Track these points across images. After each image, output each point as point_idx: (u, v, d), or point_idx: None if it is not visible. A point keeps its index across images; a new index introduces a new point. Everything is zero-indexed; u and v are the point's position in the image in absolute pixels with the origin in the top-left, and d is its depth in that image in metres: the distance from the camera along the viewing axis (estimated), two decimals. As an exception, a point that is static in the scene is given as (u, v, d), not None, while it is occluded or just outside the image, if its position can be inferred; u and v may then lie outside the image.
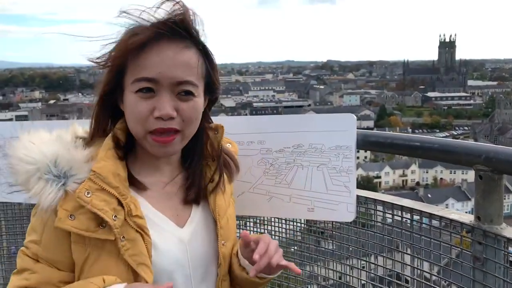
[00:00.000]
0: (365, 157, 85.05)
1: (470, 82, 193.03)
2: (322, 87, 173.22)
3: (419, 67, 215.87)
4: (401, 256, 1.83)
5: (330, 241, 2.09)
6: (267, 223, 2.26)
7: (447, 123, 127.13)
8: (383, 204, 1.86)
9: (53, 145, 1.18)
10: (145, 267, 1.16)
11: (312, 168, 1.77)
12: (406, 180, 77.82)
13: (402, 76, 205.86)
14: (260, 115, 2.05)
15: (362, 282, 1.99)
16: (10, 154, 1.17)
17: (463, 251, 1.65)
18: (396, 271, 1.86)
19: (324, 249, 2.12)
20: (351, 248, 1.99)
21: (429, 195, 56.77)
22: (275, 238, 2.25)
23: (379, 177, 75.59)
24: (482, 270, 1.57)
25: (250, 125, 1.85)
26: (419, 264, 1.76)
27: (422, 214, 1.72)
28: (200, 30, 1.22)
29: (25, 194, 1.16)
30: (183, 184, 1.33)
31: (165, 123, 1.17)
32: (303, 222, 2.19)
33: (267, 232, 2.26)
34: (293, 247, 2.25)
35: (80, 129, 1.28)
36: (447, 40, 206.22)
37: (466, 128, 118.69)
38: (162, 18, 1.16)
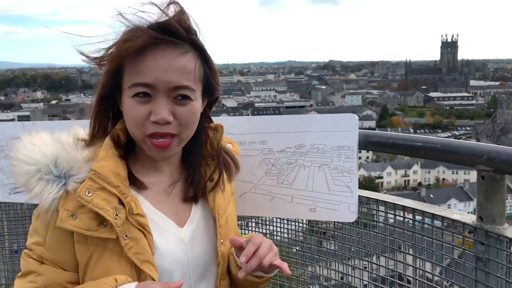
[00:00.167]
0: (367, 157, 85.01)
1: (472, 82, 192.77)
2: (324, 87, 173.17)
3: (421, 67, 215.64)
4: (403, 257, 1.83)
5: (332, 241, 2.09)
6: (269, 223, 2.26)
7: (449, 123, 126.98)
8: (385, 204, 1.85)
9: (53, 146, 1.18)
10: (149, 264, 1.17)
11: (314, 168, 1.77)
12: (408, 180, 77.75)
13: (404, 76, 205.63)
14: (262, 115, 2.05)
15: (364, 282, 1.99)
16: (11, 155, 1.18)
17: (465, 251, 1.64)
18: (398, 272, 1.86)
19: (326, 249, 2.11)
20: (353, 249, 1.98)
21: (431, 195, 56.73)
22: (277, 238, 2.25)
23: (381, 177, 75.54)
24: (484, 270, 1.56)
25: (252, 125, 1.85)
26: (421, 264, 1.76)
27: (424, 214, 1.72)
28: (197, 33, 1.22)
29: (26, 195, 1.17)
30: (183, 184, 1.33)
31: (162, 127, 1.17)
32: (305, 222, 2.19)
33: (269, 232, 2.26)
34: (295, 248, 2.25)
35: (81, 131, 1.28)
36: (449, 40, 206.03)
37: (468, 128, 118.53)
38: (159, 21, 1.16)
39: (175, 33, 1.17)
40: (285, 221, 2.20)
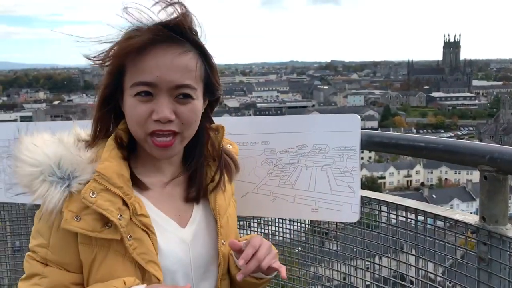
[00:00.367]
0: (369, 157, 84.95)
1: (475, 82, 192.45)
2: (326, 87, 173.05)
3: (424, 67, 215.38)
4: (405, 257, 1.83)
5: (334, 241, 2.09)
6: (271, 223, 2.26)
7: (452, 123, 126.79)
8: (388, 204, 1.85)
9: (56, 147, 1.18)
10: (154, 264, 1.18)
11: (316, 168, 1.77)
12: (411, 180, 77.67)
13: (407, 76, 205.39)
14: (264, 116, 2.05)
15: (366, 283, 1.99)
16: (13, 156, 1.18)
17: (468, 251, 1.64)
18: (400, 272, 1.86)
19: (328, 249, 2.11)
20: (355, 249, 1.98)
21: (433, 196, 56.67)
22: (279, 238, 2.25)
23: (384, 177, 75.49)
24: (487, 271, 1.56)
25: (254, 125, 1.85)
26: (423, 265, 1.76)
27: (426, 214, 1.71)
28: (199, 32, 1.22)
29: (29, 196, 1.16)
30: (184, 184, 1.34)
31: (163, 125, 1.18)
32: (307, 223, 2.19)
33: (271, 233, 2.26)
34: (297, 248, 2.25)
35: (82, 132, 1.28)
36: (451, 40, 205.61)
37: (471, 128, 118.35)
38: (161, 20, 1.16)
39: (177, 32, 1.17)
40: (287, 221, 2.20)
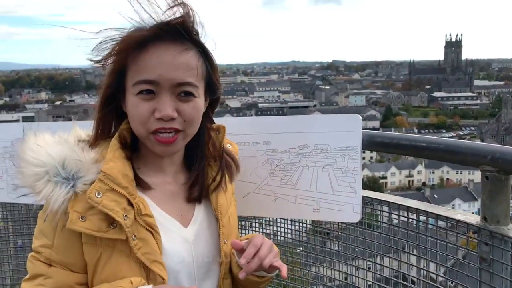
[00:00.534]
0: (370, 157, 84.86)
1: (477, 82, 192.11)
2: (328, 87, 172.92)
3: (425, 67, 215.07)
4: (407, 257, 1.83)
5: (335, 242, 2.09)
6: (273, 223, 2.26)
7: (454, 123, 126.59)
8: (389, 204, 1.85)
9: (59, 147, 1.18)
10: (158, 264, 1.18)
11: (317, 168, 1.77)
12: (412, 180, 77.58)
13: (408, 76, 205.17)
14: (266, 116, 2.05)
15: (368, 283, 1.99)
16: (17, 157, 1.18)
17: (470, 252, 1.64)
18: (402, 272, 1.86)
19: (330, 250, 2.11)
20: (357, 249, 1.98)
21: (435, 196, 56.57)
22: (281, 238, 2.25)
23: (385, 177, 75.41)
24: (489, 271, 1.56)
25: (255, 126, 1.85)
26: (425, 265, 1.76)
27: (428, 214, 1.71)
28: (200, 32, 1.23)
29: (34, 197, 1.16)
30: (186, 184, 1.34)
31: (166, 123, 1.18)
32: (309, 223, 2.19)
33: (273, 233, 2.26)
34: (298, 248, 2.25)
35: (82, 132, 1.29)
36: (453, 39, 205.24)
37: (472, 128, 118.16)
38: (163, 19, 1.17)
39: (179, 31, 1.18)
40: (288, 221, 2.20)
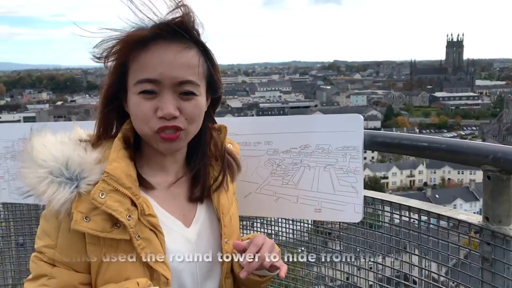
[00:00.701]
0: (372, 157, 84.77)
1: (478, 82, 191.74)
2: (329, 87, 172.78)
3: (427, 67, 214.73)
4: (408, 257, 1.82)
5: (337, 241, 2.09)
6: (274, 223, 2.26)
7: (455, 123, 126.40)
8: (391, 204, 1.85)
9: (62, 147, 1.18)
10: (162, 264, 1.19)
11: (319, 168, 1.77)
12: (414, 180, 77.46)
13: (409, 76, 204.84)
14: (267, 116, 2.05)
15: (369, 283, 1.98)
16: (20, 157, 1.18)
17: (471, 251, 1.64)
18: (403, 272, 1.85)
19: (332, 250, 2.11)
20: (359, 249, 1.98)
21: (436, 196, 56.47)
22: (282, 238, 2.25)
23: (387, 177, 75.29)
24: (491, 271, 1.56)
25: (256, 126, 1.86)
26: (427, 265, 1.75)
27: (430, 214, 1.71)
28: (200, 32, 1.23)
29: (36, 197, 1.16)
30: (188, 184, 1.35)
31: (168, 122, 1.19)
32: (310, 223, 2.19)
33: (274, 233, 2.26)
34: (300, 248, 2.25)
35: (82, 132, 1.29)
36: (454, 39, 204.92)
37: (474, 128, 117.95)
38: (164, 19, 1.18)
39: (180, 30, 1.18)
40: (290, 221, 2.20)
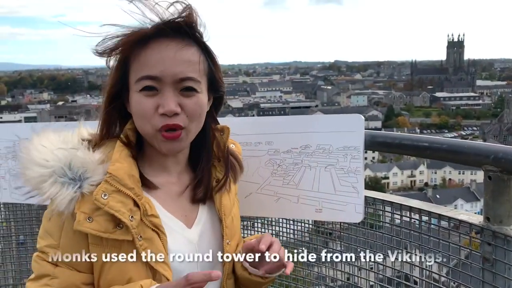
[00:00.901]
0: (373, 157, 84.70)
1: (479, 82, 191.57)
2: (330, 87, 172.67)
3: (427, 67, 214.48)
4: (409, 257, 1.82)
5: (338, 242, 2.09)
6: (275, 224, 2.26)
7: (456, 123, 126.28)
8: (391, 205, 1.85)
9: (65, 147, 1.18)
10: (164, 264, 1.18)
11: (320, 168, 1.77)
12: (415, 180, 77.39)
13: (410, 76, 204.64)
14: (268, 116, 2.05)
15: (370, 283, 1.98)
16: (22, 157, 1.18)
17: (472, 252, 1.64)
18: (404, 272, 1.85)
19: (332, 250, 2.11)
20: (359, 249, 1.98)
21: (437, 196, 56.41)
22: (283, 239, 2.25)
23: (387, 177, 75.24)
24: (492, 271, 1.56)
25: (257, 126, 1.85)
26: (427, 265, 1.75)
27: (430, 215, 1.71)
28: (202, 31, 1.23)
29: (39, 197, 1.16)
30: (190, 184, 1.34)
31: (170, 119, 1.18)
32: (311, 223, 2.19)
33: (275, 233, 2.26)
34: (300, 248, 2.25)
35: (84, 131, 1.29)
36: (455, 40, 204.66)
37: (475, 128, 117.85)
38: (165, 17, 1.18)
39: (179, 28, 1.19)
40: (291, 221, 2.20)
